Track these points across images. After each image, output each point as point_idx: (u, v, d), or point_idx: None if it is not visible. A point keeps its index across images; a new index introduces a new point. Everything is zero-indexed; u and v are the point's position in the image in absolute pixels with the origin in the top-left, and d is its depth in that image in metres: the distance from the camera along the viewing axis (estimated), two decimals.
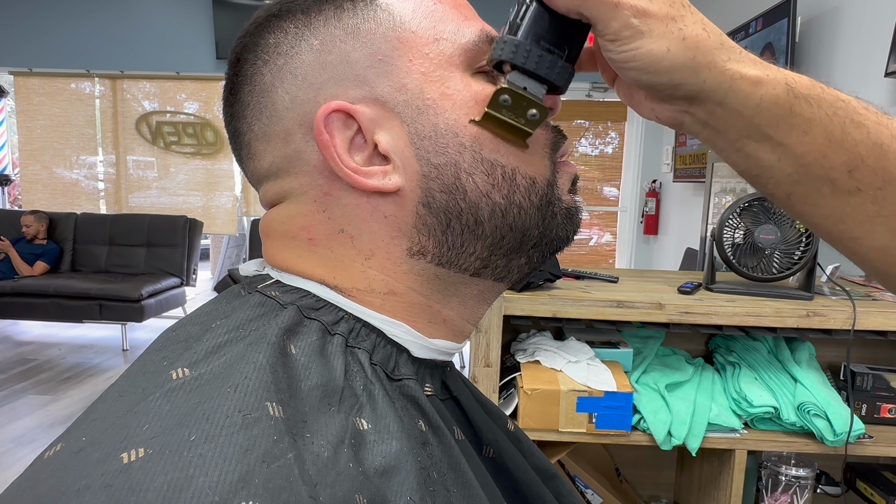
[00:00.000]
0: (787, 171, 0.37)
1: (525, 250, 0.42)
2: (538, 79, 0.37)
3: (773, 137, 0.36)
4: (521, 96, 0.37)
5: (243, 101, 0.41)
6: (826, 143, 0.36)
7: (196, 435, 0.28)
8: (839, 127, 0.36)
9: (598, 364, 1.27)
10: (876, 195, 0.37)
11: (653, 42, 0.34)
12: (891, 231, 0.37)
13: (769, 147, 0.37)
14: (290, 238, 0.41)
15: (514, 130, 0.38)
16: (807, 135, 0.36)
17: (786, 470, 1.29)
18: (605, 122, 4.79)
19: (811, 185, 0.37)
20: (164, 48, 4.78)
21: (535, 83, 0.37)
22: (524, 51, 0.36)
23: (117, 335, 4.47)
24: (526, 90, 0.37)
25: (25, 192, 5.11)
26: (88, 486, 0.26)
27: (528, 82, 0.37)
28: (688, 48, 0.35)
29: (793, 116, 0.36)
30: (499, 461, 0.46)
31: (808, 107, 0.36)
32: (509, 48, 0.37)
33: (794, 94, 0.36)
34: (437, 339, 0.42)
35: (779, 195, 0.39)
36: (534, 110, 0.38)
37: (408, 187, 0.39)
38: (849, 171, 0.36)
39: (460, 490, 0.36)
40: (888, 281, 0.40)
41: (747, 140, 0.37)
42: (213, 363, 0.32)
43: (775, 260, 1.29)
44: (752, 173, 0.39)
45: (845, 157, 0.36)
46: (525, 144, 0.39)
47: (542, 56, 0.37)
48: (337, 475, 0.30)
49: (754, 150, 0.37)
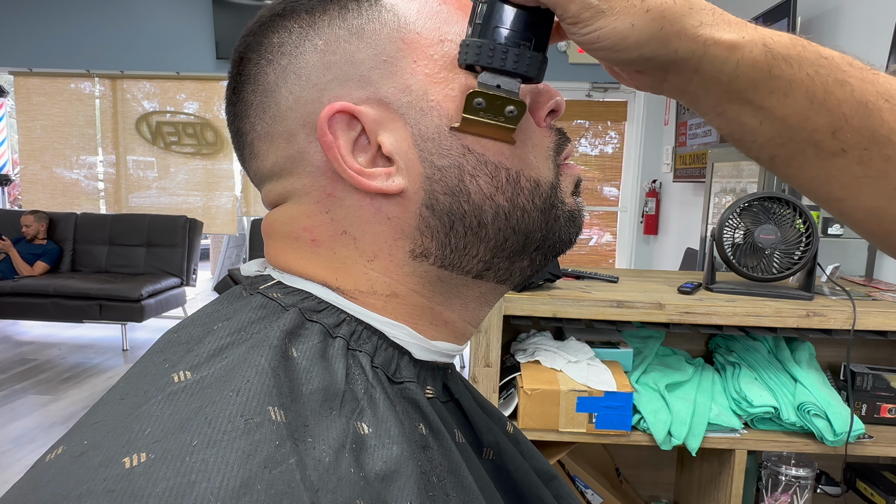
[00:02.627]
0: (769, 135, 0.36)
1: (528, 253, 0.42)
2: (509, 74, 0.37)
3: (753, 101, 0.35)
4: (494, 96, 0.37)
5: (246, 100, 0.41)
6: (808, 104, 0.35)
7: (198, 440, 0.28)
8: (821, 87, 0.34)
9: (598, 364, 1.27)
10: (861, 156, 0.35)
11: (615, 20, 0.33)
12: (877, 192, 0.36)
13: (750, 111, 0.36)
14: (293, 239, 0.41)
15: (496, 130, 0.38)
16: (787, 97, 0.35)
17: (786, 470, 1.29)
18: (605, 122, 4.79)
19: (794, 147, 0.36)
20: (164, 48, 4.77)
21: (507, 79, 0.37)
22: (488, 50, 0.36)
23: (117, 335, 4.47)
24: (500, 88, 0.37)
25: (25, 192, 5.10)
26: (90, 491, 0.26)
27: (501, 79, 0.37)
28: (653, 20, 0.33)
29: (772, 79, 0.34)
30: (499, 463, 0.46)
31: (788, 67, 0.34)
32: (473, 51, 0.36)
33: (772, 56, 0.34)
34: (438, 341, 0.42)
35: (763, 158, 0.38)
36: (511, 107, 0.37)
37: (411, 189, 0.39)
38: (832, 133, 0.35)
39: (460, 494, 0.36)
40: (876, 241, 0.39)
41: (727, 105, 0.36)
42: (214, 366, 0.32)
43: (775, 260, 1.29)
44: (735, 137, 0.38)
45: (828, 118, 0.35)
46: (512, 140, 0.39)
47: (508, 51, 0.36)
48: (338, 480, 0.30)
49: (735, 115, 0.36)
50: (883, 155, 0.35)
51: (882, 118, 0.35)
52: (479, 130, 0.38)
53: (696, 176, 3.74)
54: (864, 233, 0.39)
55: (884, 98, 0.35)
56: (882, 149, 0.35)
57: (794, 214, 1.28)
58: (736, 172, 2.78)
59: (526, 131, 0.41)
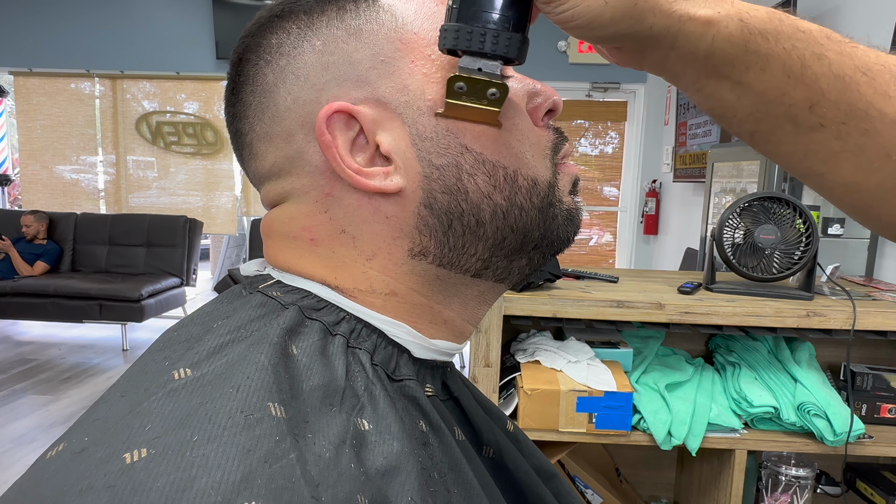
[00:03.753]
0: (748, 111, 0.36)
1: (526, 251, 0.42)
2: (489, 56, 0.36)
3: (731, 77, 0.35)
4: (475, 80, 0.36)
5: (245, 101, 0.41)
6: (785, 79, 0.35)
7: (198, 435, 0.28)
8: (798, 61, 0.34)
9: (598, 364, 1.27)
10: (839, 130, 0.35)
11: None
12: (856, 166, 0.36)
13: (728, 86, 0.36)
14: (292, 238, 0.41)
15: (480, 114, 0.38)
16: (764, 72, 0.35)
17: (786, 470, 1.29)
18: (605, 122, 4.80)
19: (773, 122, 0.36)
20: (164, 48, 4.78)
21: (488, 62, 0.36)
22: (465, 34, 0.36)
23: (117, 335, 4.47)
24: (481, 71, 0.36)
25: (25, 192, 5.11)
26: (91, 487, 0.26)
27: (481, 62, 0.36)
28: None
29: (748, 54, 0.34)
30: (499, 461, 0.46)
31: (765, 42, 0.34)
32: (451, 35, 0.36)
33: (748, 31, 0.34)
34: (437, 340, 0.42)
35: (743, 133, 0.38)
36: (493, 89, 0.37)
37: (409, 188, 0.39)
38: (810, 107, 0.35)
39: (461, 490, 0.36)
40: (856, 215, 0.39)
41: (706, 80, 0.36)
42: (214, 363, 0.33)
43: (775, 260, 1.29)
44: (715, 112, 0.38)
45: (805, 92, 0.35)
46: (498, 123, 0.39)
47: (486, 34, 0.36)
48: (339, 476, 0.30)
49: (714, 91, 0.36)
50: (860, 129, 0.35)
51: (859, 92, 0.34)
52: (464, 115, 0.38)
53: (696, 176, 3.74)
54: (845, 207, 0.39)
55: (861, 71, 0.35)
56: (859, 122, 0.35)
57: (794, 214, 1.28)
58: (736, 172, 2.79)
59: (523, 130, 0.41)
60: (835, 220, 1.87)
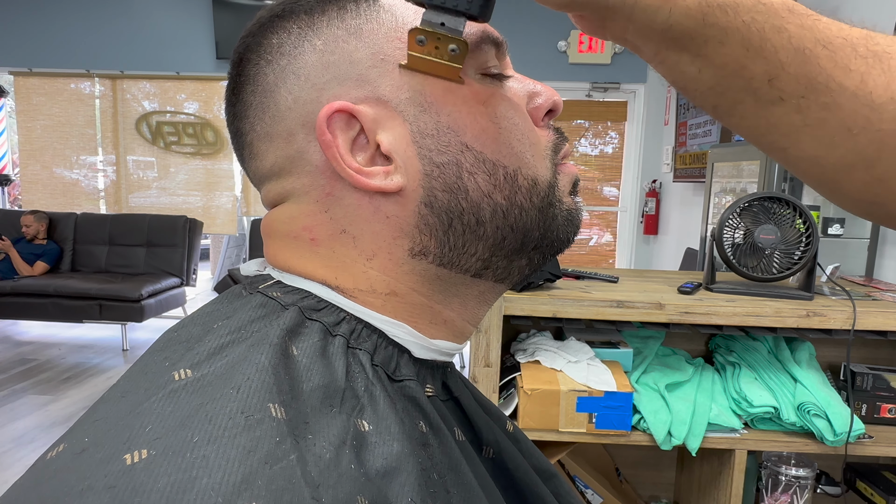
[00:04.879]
0: (709, 84, 0.36)
1: (526, 251, 0.42)
2: (453, 12, 0.36)
3: (690, 50, 0.35)
4: (435, 34, 0.36)
5: (246, 101, 0.41)
6: (744, 52, 0.34)
7: (199, 436, 0.28)
8: (757, 34, 0.34)
9: (598, 364, 1.27)
10: (799, 104, 0.35)
11: None
12: (817, 140, 0.35)
13: (688, 59, 0.35)
14: (292, 238, 0.41)
15: (442, 68, 0.38)
16: (723, 45, 0.34)
17: (786, 470, 1.29)
18: (605, 122, 4.80)
19: (734, 96, 0.36)
20: (164, 48, 4.78)
21: (451, 17, 0.36)
22: None
23: (117, 335, 4.47)
24: (443, 26, 0.36)
25: (25, 192, 5.11)
26: (92, 487, 0.26)
27: (445, 17, 0.36)
28: None
29: (706, 27, 0.34)
30: (499, 461, 0.46)
31: (724, 15, 0.34)
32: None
33: (706, 3, 0.34)
34: (437, 340, 0.42)
35: (706, 106, 0.38)
36: (453, 45, 0.36)
37: (410, 187, 0.39)
38: (769, 81, 0.34)
39: (460, 491, 0.36)
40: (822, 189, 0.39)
41: (666, 52, 0.36)
42: (215, 364, 0.33)
43: (775, 260, 1.29)
44: (678, 85, 0.38)
45: (765, 65, 0.34)
46: (459, 79, 0.39)
47: None
48: (339, 476, 0.30)
49: (675, 63, 0.36)
50: (820, 102, 0.34)
51: (819, 65, 0.34)
52: (426, 67, 0.38)
53: (696, 176, 3.74)
54: (810, 181, 0.39)
55: (822, 45, 0.34)
56: (819, 96, 0.34)
57: (794, 214, 1.28)
58: (736, 172, 2.79)
59: (523, 130, 0.41)
60: (835, 220, 1.87)
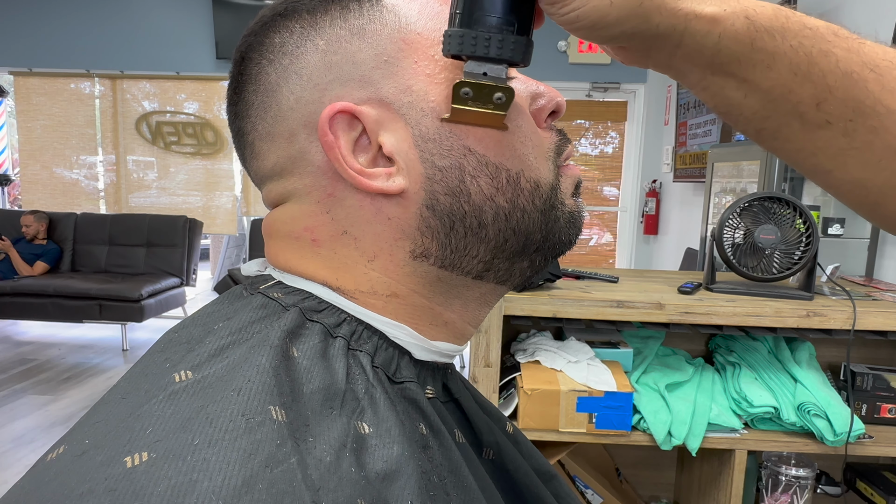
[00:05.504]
0: (754, 108, 0.36)
1: (528, 254, 0.42)
2: (494, 61, 0.36)
3: (737, 75, 0.35)
4: (480, 85, 0.36)
5: (247, 100, 0.41)
6: (791, 76, 0.34)
7: (199, 439, 0.28)
8: (805, 58, 0.34)
9: (598, 364, 1.27)
10: (846, 127, 0.35)
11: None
12: (863, 163, 0.36)
13: (734, 84, 0.36)
14: (294, 239, 0.41)
15: (486, 117, 0.38)
16: (771, 70, 0.34)
17: (786, 470, 1.29)
18: (605, 122, 4.79)
19: (780, 120, 0.36)
20: (164, 48, 4.77)
21: (492, 66, 0.36)
22: (470, 39, 0.35)
23: (117, 335, 4.47)
24: (486, 75, 0.36)
25: (25, 192, 5.10)
26: (92, 490, 0.26)
27: (487, 66, 0.36)
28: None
29: (755, 52, 0.34)
30: (498, 463, 0.46)
31: (772, 40, 0.34)
32: (455, 42, 0.36)
33: (754, 28, 0.34)
34: (438, 342, 0.42)
35: (749, 131, 0.38)
36: (499, 93, 0.36)
37: (412, 189, 0.39)
38: (817, 105, 0.35)
39: (460, 494, 0.36)
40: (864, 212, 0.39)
41: (712, 78, 0.36)
42: (215, 366, 0.32)
43: (775, 260, 1.29)
44: (721, 110, 0.38)
45: (812, 90, 0.34)
46: (504, 126, 0.39)
47: (490, 38, 0.35)
48: (339, 480, 0.30)
49: (720, 88, 0.36)
50: (868, 126, 0.35)
51: (867, 88, 0.34)
52: (470, 119, 0.38)
53: (696, 176, 3.74)
54: (853, 204, 0.39)
55: (869, 68, 0.34)
56: (867, 119, 0.35)
57: (794, 214, 1.28)
58: (736, 172, 2.78)
59: (526, 132, 0.41)
60: (835, 220, 1.87)
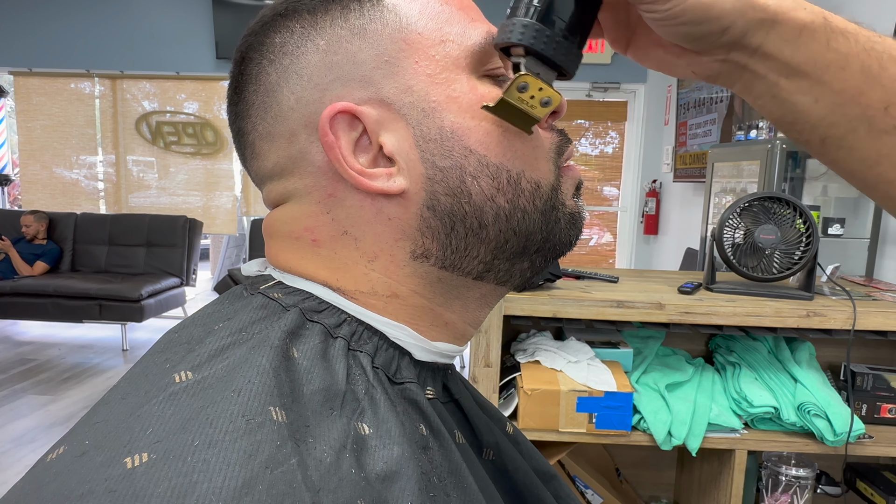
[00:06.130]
0: (822, 114, 0.37)
1: (528, 255, 0.42)
2: (552, 65, 0.36)
3: (811, 75, 0.36)
4: (538, 83, 0.36)
5: (248, 100, 0.41)
6: (863, 78, 0.36)
7: (199, 440, 0.28)
8: (876, 62, 0.35)
9: (598, 364, 1.27)
10: None
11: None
12: None
13: (806, 87, 0.36)
14: (294, 239, 0.41)
15: (524, 118, 0.38)
16: (844, 70, 0.36)
17: (786, 470, 1.29)
18: (605, 122, 4.80)
19: (847, 126, 0.37)
20: (164, 48, 4.77)
21: (547, 69, 0.36)
22: (544, 36, 0.35)
23: (117, 335, 4.47)
24: (539, 76, 0.36)
25: (25, 192, 5.10)
26: (92, 491, 0.26)
27: (542, 69, 0.36)
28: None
29: (830, 52, 0.35)
30: (499, 464, 0.46)
31: (846, 41, 0.35)
32: (530, 33, 0.35)
33: (830, 29, 0.35)
34: (438, 342, 0.42)
35: (814, 141, 0.39)
36: (547, 97, 0.37)
37: (412, 190, 0.39)
38: (885, 108, 0.36)
39: (460, 495, 0.36)
40: None
41: (785, 81, 0.37)
42: (216, 366, 0.32)
43: (775, 260, 1.29)
44: (786, 120, 0.39)
45: (882, 93, 0.36)
46: (531, 131, 0.39)
47: (560, 42, 0.36)
48: (339, 481, 0.30)
49: (790, 94, 0.37)
50: None
51: None
52: (509, 114, 0.37)
53: (696, 176, 3.74)
54: None
55: None
56: None
57: (794, 214, 1.28)
58: (736, 172, 2.78)
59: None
60: (835, 220, 1.87)
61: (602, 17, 0.40)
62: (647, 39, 0.41)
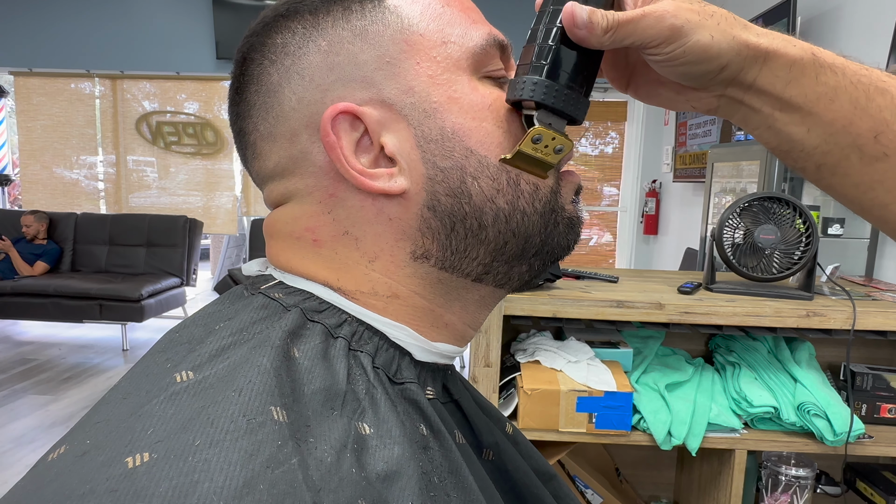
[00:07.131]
0: (815, 143, 0.39)
1: (526, 258, 0.42)
2: (562, 115, 0.39)
3: (803, 108, 0.38)
4: (551, 133, 0.39)
5: (249, 100, 0.41)
6: (852, 109, 0.37)
7: (201, 439, 0.28)
8: (864, 94, 0.37)
9: (598, 364, 1.27)
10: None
11: (697, 34, 0.36)
12: None
13: (799, 118, 0.38)
14: (295, 239, 0.41)
15: (540, 164, 0.40)
16: (833, 102, 0.37)
17: (786, 470, 1.29)
18: (605, 122, 4.80)
19: (840, 153, 0.39)
20: (164, 48, 4.78)
21: (558, 119, 0.39)
22: (553, 91, 0.38)
23: (117, 335, 4.47)
24: (551, 126, 0.39)
25: (25, 192, 5.11)
26: (93, 491, 0.26)
27: (553, 118, 0.39)
28: (725, 31, 0.37)
29: (819, 85, 0.37)
30: (498, 464, 0.46)
31: (833, 75, 0.37)
32: (540, 89, 0.38)
33: (819, 63, 0.37)
34: (439, 343, 0.42)
35: (809, 168, 0.40)
36: (560, 145, 0.39)
37: (413, 190, 0.39)
38: (875, 137, 0.38)
39: (460, 495, 0.36)
40: None
41: (779, 113, 0.39)
42: (216, 366, 0.32)
43: (775, 260, 1.29)
44: (782, 149, 0.40)
45: (871, 122, 0.37)
46: (546, 175, 0.41)
47: (568, 94, 0.39)
48: (340, 480, 0.30)
49: (784, 125, 0.39)
50: None
51: None
52: (527, 163, 0.40)
53: (696, 176, 3.74)
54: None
55: None
56: None
57: (794, 214, 1.28)
58: (736, 172, 2.78)
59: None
60: (835, 220, 1.87)
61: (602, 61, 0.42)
62: (646, 78, 0.43)
